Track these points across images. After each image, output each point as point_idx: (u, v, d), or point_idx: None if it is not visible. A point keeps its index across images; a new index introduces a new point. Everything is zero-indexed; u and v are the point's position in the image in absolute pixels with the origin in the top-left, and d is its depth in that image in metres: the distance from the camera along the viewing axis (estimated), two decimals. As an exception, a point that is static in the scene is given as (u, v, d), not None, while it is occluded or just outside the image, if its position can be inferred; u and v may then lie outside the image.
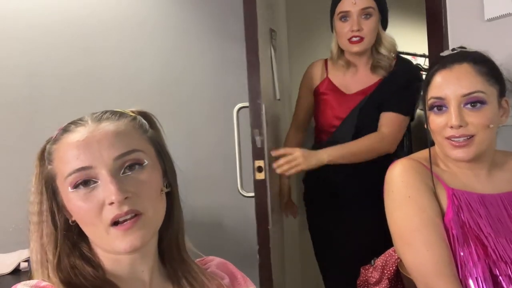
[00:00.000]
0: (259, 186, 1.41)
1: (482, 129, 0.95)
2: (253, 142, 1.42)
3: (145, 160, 0.66)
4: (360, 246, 1.60)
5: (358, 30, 1.51)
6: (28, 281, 0.64)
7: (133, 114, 0.71)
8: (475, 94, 0.95)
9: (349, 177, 1.61)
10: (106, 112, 0.68)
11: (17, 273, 1.54)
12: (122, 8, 2.13)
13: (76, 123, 0.67)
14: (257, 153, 1.42)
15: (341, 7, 1.54)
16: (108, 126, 0.66)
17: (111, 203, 0.61)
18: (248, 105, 1.50)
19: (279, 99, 1.90)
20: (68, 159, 0.63)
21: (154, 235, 0.69)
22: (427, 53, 2.77)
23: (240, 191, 1.50)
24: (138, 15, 2.20)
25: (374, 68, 1.59)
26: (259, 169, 1.41)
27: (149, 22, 2.22)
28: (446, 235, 0.95)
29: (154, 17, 2.26)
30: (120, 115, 0.69)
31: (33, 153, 0.71)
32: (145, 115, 0.73)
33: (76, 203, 0.63)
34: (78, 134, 0.65)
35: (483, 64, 0.98)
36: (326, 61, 1.69)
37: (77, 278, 0.64)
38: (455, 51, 1.04)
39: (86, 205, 0.62)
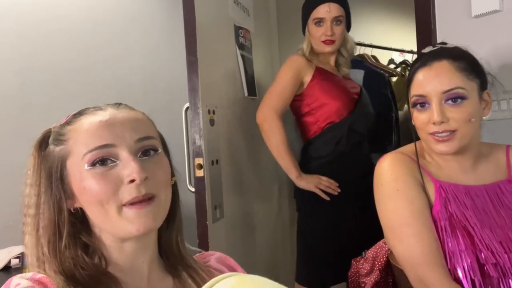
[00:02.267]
0: (198, 183, 1.48)
1: (464, 123, 0.97)
2: (193, 140, 1.48)
3: (159, 148, 0.68)
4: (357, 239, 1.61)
5: (331, 35, 1.71)
6: (24, 274, 0.63)
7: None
8: (455, 90, 0.97)
9: (364, 171, 1.69)
10: (120, 103, 0.70)
11: (8, 270, 1.53)
12: (113, 5, 2.13)
13: (93, 107, 0.68)
14: (197, 151, 1.48)
15: (316, 14, 1.73)
16: (128, 112, 0.68)
17: (132, 181, 0.62)
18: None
19: (254, 96, 1.93)
20: (89, 137, 0.63)
21: (162, 222, 0.68)
22: (414, 50, 2.81)
23: (188, 187, 1.55)
24: (129, 11, 2.19)
25: (336, 65, 1.83)
26: (199, 166, 1.47)
27: (139, 19, 2.22)
28: (434, 227, 0.98)
29: (145, 14, 2.25)
30: (133, 108, 0.71)
31: (23, 149, 0.70)
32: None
33: (92, 180, 0.62)
34: (99, 116, 0.65)
35: (461, 60, 1.00)
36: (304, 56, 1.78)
37: (76, 269, 0.63)
38: (436, 48, 1.06)
39: (103, 182, 0.62)
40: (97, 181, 0.62)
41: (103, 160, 0.63)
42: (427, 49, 1.07)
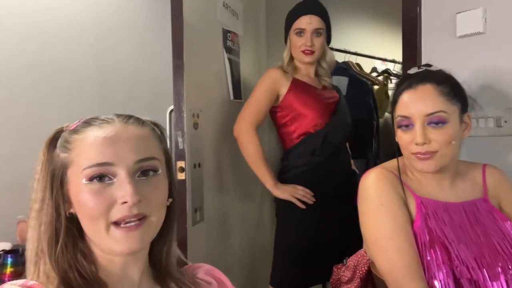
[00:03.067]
0: (179, 186, 1.47)
1: (445, 145, 1.03)
2: (176, 143, 1.49)
3: (159, 169, 0.68)
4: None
5: (311, 46, 1.75)
6: (15, 281, 0.64)
7: (151, 124, 0.73)
8: (437, 114, 1.02)
9: (341, 179, 1.78)
10: (131, 116, 0.70)
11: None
12: (101, 0, 2.09)
13: (102, 119, 0.68)
14: (179, 154, 1.49)
15: (297, 24, 1.77)
16: (135, 129, 0.68)
17: (124, 203, 0.63)
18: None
19: (239, 100, 1.95)
20: (91, 152, 0.64)
21: (150, 241, 0.70)
22: (396, 59, 2.89)
23: None
24: (115, 6, 2.16)
25: (316, 76, 1.86)
26: (181, 169, 1.48)
27: (128, 16, 2.19)
28: (415, 241, 1.03)
29: (131, 10, 2.22)
30: (143, 122, 0.71)
31: (9, 145, 0.69)
32: (157, 126, 0.75)
33: (88, 195, 0.63)
34: (105, 131, 0.66)
35: (445, 84, 1.05)
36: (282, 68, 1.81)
37: (71, 271, 0.65)
38: (421, 70, 1.11)
39: (97, 199, 0.63)
40: (92, 197, 0.63)
41: (100, 177, 0.64)
42: (412, 70, 1.12)
